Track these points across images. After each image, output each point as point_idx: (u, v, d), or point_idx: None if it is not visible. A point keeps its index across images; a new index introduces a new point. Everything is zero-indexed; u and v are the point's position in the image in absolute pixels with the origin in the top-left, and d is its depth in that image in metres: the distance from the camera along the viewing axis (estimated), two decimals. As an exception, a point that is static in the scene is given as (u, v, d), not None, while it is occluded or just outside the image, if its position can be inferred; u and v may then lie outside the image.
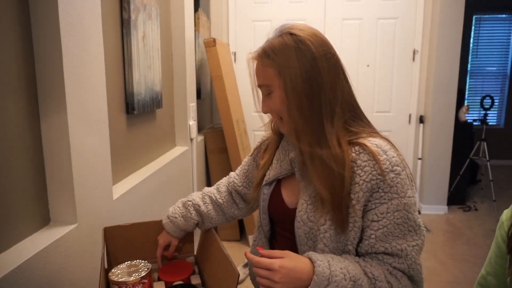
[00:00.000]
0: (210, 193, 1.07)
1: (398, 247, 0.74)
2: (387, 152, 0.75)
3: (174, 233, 1.03)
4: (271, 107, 0.84)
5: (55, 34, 0.93)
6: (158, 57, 1.82)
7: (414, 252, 0.74)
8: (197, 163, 2.56)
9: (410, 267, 0.74)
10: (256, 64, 0.85)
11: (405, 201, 0.74)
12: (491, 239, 3.00)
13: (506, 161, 5.61)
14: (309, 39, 0.79)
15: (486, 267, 0.76)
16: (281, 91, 0.80)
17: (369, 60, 3.43)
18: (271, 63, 0.80)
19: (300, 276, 0.70)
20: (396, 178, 0.74)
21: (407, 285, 0.74)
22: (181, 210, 1.04)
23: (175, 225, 1.03)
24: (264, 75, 0.82)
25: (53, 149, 0.99)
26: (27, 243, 0.90)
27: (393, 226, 0.74)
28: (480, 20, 5.37)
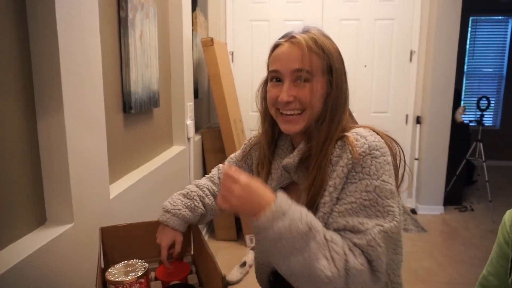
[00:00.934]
0: (206, 185, 1.04)
1: (359, 221, 0.70)
2: (367, 138, 0.74)
3: (179, 226, 0.96)
4: (302, 97, 0.79)
5: (52, 33, 0.93)
6: (156, 56, 1.81)
7: (377, 230, 0.69)
8: (194, 163, 2.55)
9: (369, 244, 0.68)
10: (296, 49, 0.79)
11: (377, 183, 0.71)
12: (487, 240, 3.02)
13: (502, 162, 5.64)
14: (333, 43, 0.84)
15: (488, 267, 0.76)
16: (321, 86, 0.80)
17: (366, 60, 3.44)
18: (321, 54, 0.79)
19: (259, 200, 0.67)
20: (372, 160, 0.72)
21: (364, 266, 0.68)
22: (184, 202, 0.98)
23: (179, 218, 0.96)
24: (309, 62, 0.78)
25: (50, 148, 0.98)
26: (23, 242, 0.89)
27: (359, 207, 0.71)
28: (477, 21, 5.39)
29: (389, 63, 3.46)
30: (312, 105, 0.79)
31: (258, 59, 3.47)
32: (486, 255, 2.76)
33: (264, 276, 0.99)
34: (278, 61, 0.81)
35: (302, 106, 0.80)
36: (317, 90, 0.79)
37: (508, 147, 5.63)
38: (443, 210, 3.60)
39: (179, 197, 1.00)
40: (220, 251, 2.77)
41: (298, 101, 0.80)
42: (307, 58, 0.78)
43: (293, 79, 0.80)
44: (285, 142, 0.92)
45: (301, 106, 0.80)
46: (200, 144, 2.83)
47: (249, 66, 3.50)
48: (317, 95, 0.79)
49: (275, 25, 3.43)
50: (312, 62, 0.78)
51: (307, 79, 0.79)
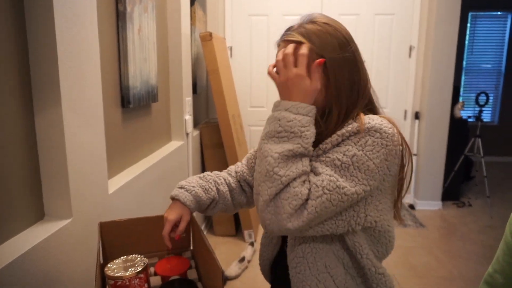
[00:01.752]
0: (222, 175, 1.03)
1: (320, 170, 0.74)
2: (375, 120, 0.75)
3: (190, 203, 0.91)
4: None
5: (50, 27, 0.92)
6: (154, 50, 1.80)
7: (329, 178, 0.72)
8: (193, 158, 2.55)
9: (315, 183, 0.71)
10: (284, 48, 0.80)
11: (358, 153, 0.72)
12: (485, 235, 3.03)
13: (500, 157, 5.66)
14: (338, 25, 0.81)
15: (494, 265, 0.76)
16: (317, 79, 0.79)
17: (365, 56, 3.41)
18: (309, 48, 0.78)
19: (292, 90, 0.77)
20: (367, 136, 0.74)
21: (302, 194, 0.71)
22: (199, 182, 0.96)
23: (192, 194, 0.92)
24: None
25: (48, 143, 0.97)
26: (21, 238, 0.89)
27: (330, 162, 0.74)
28: (476, 17, 5.38)
29: (388, 58, 3.45)
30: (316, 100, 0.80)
31: (256, 54, 3.46)
32: (483, 250, 2.79)
33: (266, 263, 1.00)
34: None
35: None
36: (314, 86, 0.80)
37: (506, 143, 5.64)
38: (441, 205, 3.61)
39: (195, 178, 0.99)
40: (219, 247, 2.78)
41: None
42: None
43: None
44: None
45: None
46: (198, 139, 2.83)
47: (247, 61, 3.49)
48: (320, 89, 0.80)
49: (274, 19, 3.41)
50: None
51: None
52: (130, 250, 1.02)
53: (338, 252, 0.82)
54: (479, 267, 2.56)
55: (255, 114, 3.52)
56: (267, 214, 0.73)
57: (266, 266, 1.00)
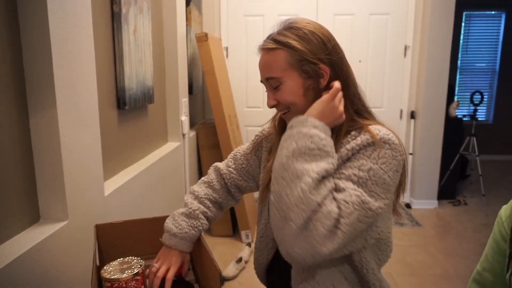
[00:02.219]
0: (206, 195, 1.00)
1: (342, 185, 0.72)
2: (382, 131, 0.77)
3: (189, 248, 0.93)
4: (280, 100, 0.83)
5: (44, 28, 0.91)
6: (150, 51, 1.79)
7: (355, 194, 0.70)
8: (190, 159, 2.54)
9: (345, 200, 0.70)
10: (263, 57, 0.84)
11: (374, 168, 0.73)
12: (480, 233, 3.05)
13: (495, 156, 5.70)
14: (319, 31, 0.81)
15: (482, 263, 0.76)
16: (294, 82, 0.81)
17: (361, 55, 3.44)
18: (285, 53, 0.80)
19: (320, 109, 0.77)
20: (377, 147, 0.74)
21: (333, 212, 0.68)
22: (189, 222, 0.94)
23: (188, 240, 0.93)
24: (275, 66, 0.81)
25: (43, 145, 0.97)
26: (16, 241, 0.88)
27: (346, 178, 0.73)
28: (470, 16, 5.41)
29: (384, 58, 3.46)
30: (292, 102, 0.82)
31: (252, 54, 3.45)
32: (479, 248, 2.80)
33: (262, 267, 1.00)
34: (260, 72, 0.87)
35: (285, 106, 0.84)
36: (291, 86, 0.81)
37: (501, 142, 5.68)
38: (437, 204, 3.63)
39: (183, 219, 0.95)
40: (216, 247, 2.78)
41: (280, 104, 0.85)
42: (270, 66, 0.82)
43: (269, 86, 0.85)
44: None
45: (284, 106, 0.84)
46: (195, 140, 2.82)
47: (243, 62, 3.49)
48: (292, 91, 0.81)
49: (269, 20, 3.41)
50: (277, 63, 0.81)
51: (279, 82, 0.82)
52: (127, 252, 1.01)
53: (344, 270, 0.82)
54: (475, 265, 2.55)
55: (252, 114, 3.52)
56: (300, 242, 0.68)
57: (262, 270, 1.00)
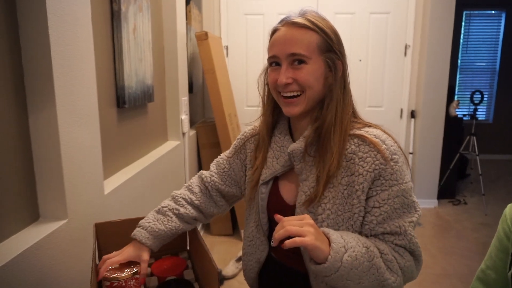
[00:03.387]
0: (182, 195, 1.00)
1: (396, 225, 0.77)
2: (386, 142, 0.78)
3: (147, 240, 0.89)
4: (300, 79, 0.80)
5: (43, 26, 0.91)
6: (149, 50, 1.79)
7: (411, 227, 0.78)
8: (189, 158, 2.54)
9: (411, 242, 0.77)
10: (291, 32, 0.80)
11: (403, 187, 0.77)
12: (480, 233, 3.05)
13: (495, 155, 5.70)
14: (332, 25, 0.86)
15: (486, 261, 0.76)
16: (318, 67, 0.80)
17: (361, 54, 3.43)
18: (318, 36, 0.80)
19: (323, 238, 0.71)
20: (395, 165, 0.77)
21: (410, 259, 0.78)
22: (156, 216, 0.94)
23: (148, 231, 0.90)
24: (305, 44, 0.79)
25: (42, 143, 0.96)
26: (16, 239, 0.88)
27: (392, 211, 0.77)
28: (470, 16, 5.41)
29: (384, 57, 3.46)
30: (310, 86, 0.80)
31: (252, 53, 3.45)
32: (478, 248, 2.81)
33: (254, 271, 0.98)
34: (275, 46, 0.82)
35: (301, 87, 0.81)
36: (315, 70, 0.80)
37: (501, 141, 5.68)
38: (437, 203, 3.63)
39: (152, 213, 0.97)
40: (216, 246, 2.78)
41: (296, 83, 0.81)
42: (300, 43, 0.79)
43: (290, 62, 0.81)
44: (282, 130, 0.92)
45: (299, 88, 0.81)
46: (195, 139, 2.82)
47: (243, 60, 3.48)
48: (314, 75, 0.80)
49: (269, 18, 3.40)
50: (308, 43, 0.79)
51: (304, 60, 0.80)
52: (126, 250, 1.01)
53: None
54: (474, 264, 2.57)
55: (252, 113, 3.50)
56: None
57: (253, 275, 0.98)
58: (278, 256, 0.93)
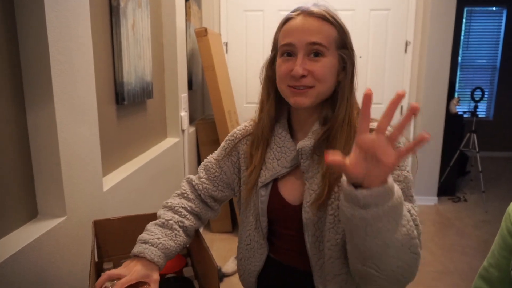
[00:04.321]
0: (180, 204, 0.91)
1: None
2: (388, 129, 0.75)
3: (158, 259, 0.78)
4: (315, 71, 0.77)
5: (41, 22, 0.90)
6: (149, 46, 1.78)
7: (415, 212, 0.72)
8: (189, 155, 2.54)
9: (415, 223, 0.70)
10: (310, 21, 0.78)
11: (405, 174, 0.76)
12: (480, 230, 3.05)
13: (495, 152, 5.69)
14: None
15: (489, 258, 0.76)
16: (334, 61, 0.79)
17: (361, 51, 3.42)
18: (336, 31, 0.79)
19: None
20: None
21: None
22: (163, 231, 0.84)
23: (159, 248, 0.79)
24: (326, 36, 0.77)
25: (40, 140, 0.96)
26: (13, 237, 0.88)
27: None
28: (471, 12, 5.39)
29: (384, 54, 3.45)
30: (325, 80, 0.78)
31: (252, 49, 3.44)
32: (479, 245, 2.81)
33: (252, 275, 0.95)
34: (291, 34, 0.79)
35: (315, 81, 0.78)
36: (331, 64, 0.79)
37: (501, 138, 5.67)
38: (437, 200, 3.63)
39: (156, 227, 0.85)
40: (216, 243, 2.78)
41: (311, 76, 0.77)
42: (322, 31, 0.77)
43: (307, 53, 0.78)
44: (282, 130, 0.88)
45: (313, 81, 0.78)
46: (194, 136, 2.81)
47: (243, 57, 3.47)
48: (330, 69, 0.79)
49: (269, 15, 3.39)
50: (328, 35, 0.78)
51: (322, 52, 0.77)
52: (125, 248, 1.01)
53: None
54: (474, 261, 2.57)
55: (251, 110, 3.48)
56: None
57: (252, 278, 0.94)
58: (278, 256, 0.92)
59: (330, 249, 0.78)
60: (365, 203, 0.59)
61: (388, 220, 0.60)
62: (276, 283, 0.93)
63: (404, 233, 0.63)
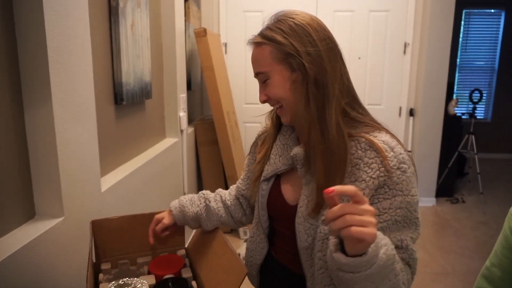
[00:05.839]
0: (221, 192, 1.06)
1: (397, 238, 0.73)
2: (394, 149, 0.73)
3: (174, 209, 1.01)
4: (269, 94, 0.82)
5: (39, 22, 0.89)
6: (148, 46, 1.78)
7: (412, 242, 0.75)
8: (188, 155, 2.53)
9: (410, 257, 0.74)
10: (253, 52, 0.84)
11: (408, 199, 0.73)
12: (478, 231, 3.06)
13: (493, 154, 5.71)
14: (308, 23, 0.79)
15: (491, 258, 0.76)
16: (280, 76, 0.79)
17: (360, 52, 3.42)
18: (270, 48, 0.79)
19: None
20: (402, 175, 0.72)
21: (409, 273, 0.75)
22: (190, 196, 1.04)
23: (179, 203, 1.02)
24: (262, 61, 0.81)
25: (38, 140, 0.95)
26: (11, 237, 0.87)
27: (393, 223, 0.73)
28: (470, 14, 5.40)
29: (383, 55, 3.45)
30: (281, 97, 0.80)
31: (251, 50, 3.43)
32: (477, 246, 2.81)
33: (254, 268, 0.97)
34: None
35: (277, 101, 0.82)
36: (278, 81, 0.79)
37: (499, 140, 5.69)
38: (435, 202, 3.64)
39: (192, 194, 1.06)
40: (214, 244, 2.77)
41: (270, 99, 0.83)
42: (258, 60, 0.82)
43: (261, 81, 0.84)
44: (288, 128, 0.91)
45: (276, 102, 0.82)
46: (193, 136, 2.81)
47: (242, 58, 3.47)
48: (280, 85, 0.79)
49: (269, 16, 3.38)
50: (263, 58, 0.80)
51: (267, 77, 0.81)
52: (124, 248, 1.01)
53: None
54: (472, 262, 2.58)
55: (250, 111, 3.50)
56: None
57: (254, 271, 0.97)
58: (277, 255, 0.92)
59: (321, 259, 0.77)
60: (341, 268, 0.62)
61: (365, 283, 0.62)
62: (274, 281, 0.93)
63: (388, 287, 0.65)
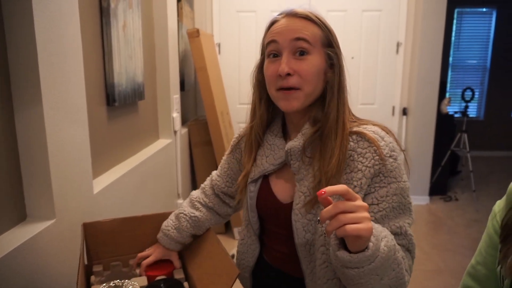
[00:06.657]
0: (198, 198, 1.05)
1: (396, 225, 0.75)
2: (384, 138, 0.76)
3: (169, 245, 1.00)
4: (301, 70, 0.76)
5: (29, 23, 0.89)
6: (140, 47, 1.77)
7: (409, 227, 0.77)
8: (181, 156, 2.53)
9: (410, 242, 0.76)
10: (294, 21, 0.79)
11: (402, 185, 0.75)
12: (471, 229, 3.08)
13: (485, 152, 5.76)
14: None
15: (476, 256, 0.77)
16: (320, 60, 0.79)
17: (353, 52, 3.44)
18: (319, 30, 0.79)
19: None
20: (394, 162, 0.75)
21: (410, 259, 0.77)
22: (174, 222, 1.01)
23: (169, 237, 0.99)
24: (310, 34, 0.77)
25: (29, 142, 0.94)
26: (2, 240, 0.86)
27: (390, 210, 0.75)
28: (462, 13, 5.45)
29: (376, 54, 3.47)
30: (311, 80, 0.77)
31: (245, 50, 3.44)
32: (470, 243, 2.84)
33: (246, 270, 0.96)
34: (276, 33, 0.79)
35: (301, 81, 0.77)
36: (318, 63, 0.78)
37: (491, 138, 5.74)
38: (429, 200, 3.66)
39: (172, 217, 1.03)
40: (209, 244, 2.76)
41: (297, 75, 0.77)
42: (307, 28, 0.77)
43: (293, 50, 0.77)
44: (275, 129, 0.89)
45: (299, 82, 0.77)
46: (187, 137, 2.80)
47: (236, 58, 3.47)
48: (317, 68, 0.78)
49: (262, 16, 3.39)
50: (312, 33, 0.78)
51: (307, 50, 0.77)
52: (116, 250, 1.00)
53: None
54: (466, 259, 2.60)
55: (244, 111, 3.48)
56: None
57: (246, 274, 0.97)
58: (269, 258, 0.92)
59: (325, 253, 0.77)
60: (345, 265, 0.62)
61: (370, 277, 0.63)
62: (267, 284, 0.93)
63: (392, 277, 0.67)
